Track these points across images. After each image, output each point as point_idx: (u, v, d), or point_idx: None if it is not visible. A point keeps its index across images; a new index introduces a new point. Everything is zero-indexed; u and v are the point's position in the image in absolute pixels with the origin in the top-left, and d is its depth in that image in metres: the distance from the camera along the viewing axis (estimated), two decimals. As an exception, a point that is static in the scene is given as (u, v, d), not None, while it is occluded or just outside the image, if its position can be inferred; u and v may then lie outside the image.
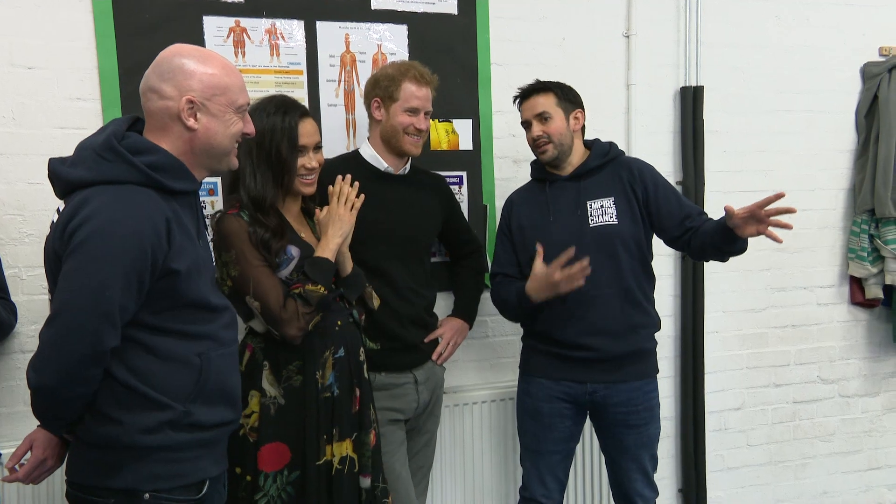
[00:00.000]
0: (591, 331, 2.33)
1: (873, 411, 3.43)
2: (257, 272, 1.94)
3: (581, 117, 2.41)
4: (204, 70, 1.58)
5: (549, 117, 2.36)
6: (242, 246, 1.95)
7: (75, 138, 2.29)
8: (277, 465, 1.97)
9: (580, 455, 2.86)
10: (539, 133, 2.37)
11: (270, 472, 1.96)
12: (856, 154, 3.30)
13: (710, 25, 3.04)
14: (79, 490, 1.57)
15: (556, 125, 2.36)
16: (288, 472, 1.97)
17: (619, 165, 2.40)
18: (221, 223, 1.98)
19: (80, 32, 2.35)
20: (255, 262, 1.95)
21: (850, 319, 3.37)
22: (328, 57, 2.61)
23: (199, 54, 1.61)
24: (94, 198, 1.48)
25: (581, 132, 2.44)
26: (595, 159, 2.40)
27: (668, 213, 2.35)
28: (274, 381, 1.99)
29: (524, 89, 2.43)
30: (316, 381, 2.00)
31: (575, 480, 2.87)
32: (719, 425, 3.20)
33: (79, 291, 1.44)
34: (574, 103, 2.40)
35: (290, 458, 1.97)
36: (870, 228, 3.24)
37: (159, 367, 1.54)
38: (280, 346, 1.99)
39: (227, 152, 1.66)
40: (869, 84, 3.25)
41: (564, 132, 2.37)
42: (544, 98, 2.37)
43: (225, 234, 1.96)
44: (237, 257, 1.94)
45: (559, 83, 2.41)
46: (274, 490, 1.95)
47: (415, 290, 2.40)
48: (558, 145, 2.37)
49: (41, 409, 1.54)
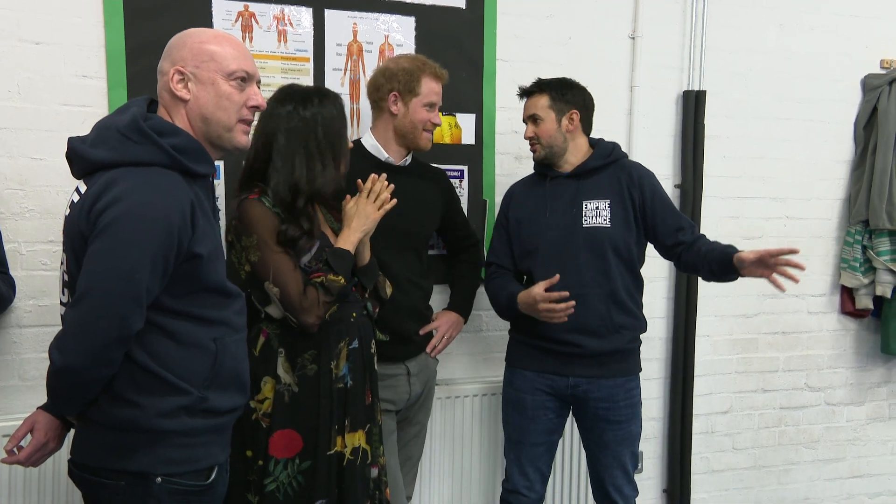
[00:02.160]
0: (574, 328, 2.35)
1: (858, 420, 3.46)
2: (278, 259, 1.93)
3: (576, 117, 2.42)
4: (195, 40, 1.59)
5: (540, 119, 2.40)
6: (264, 232, 1.93)
7: (79, 115, 2.34)
8: (289, 452, 1.98)
9: (562, 450, 2.88)
10: (530, 134, 2.43)
11: (281, 458, 1.97)
12: (853, 165, 3.33)
13: (715, 30, 3.06)
14: (87, 472, 1.57)
15: (545, 127, 2.40)
16: (299, 460, 1.98)
17: (620, 169, 2.42)
18: (244, 207, 1.95)
19: (88, 9, 2.35)
20: (276, 248, 1.94)
21: (839, 329, 3.40)
22: (335, 45, 2.62)
23: (200, 31, 1.62)
24: (122, 179, 1.47)
25: (581, 131, 2.45)
26: (596, 160, 2.42)
27: (662, 222, 2.39)
28: (289, 369, 2.00)
29: (524, 88, 2.47)
30: (330, 371, 2.01)
31: (556, 476, 2.89)
32: (706, 428, 3.23)
33: (107, 273, 1.44)
34: (570, 103, 2.41)
35: (301, 447, 1.98)
36: (863, 239, 3.27)
37: (177, 352, 1.55)
38: (296, 334, 1.99)
39: (227, 126, 1.62)
40: (869, 96, 3.28)
41: (554, 134, 2.40)
42: (538, 99, 2.41)
43: (247, 220, 1.94)
44: (258, 243, 1.92)
45: (559, 82, 2.43)
46: (284, 477, 1.97)
47: (413, 281, 2.41)
48: (546, 147, 2.41)
49: (61, 390, 1.53)
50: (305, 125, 1.97)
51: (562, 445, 2.86)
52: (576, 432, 2.67)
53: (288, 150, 1.96)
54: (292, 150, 1.96)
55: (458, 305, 2.62)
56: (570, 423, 2.63)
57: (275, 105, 1.99)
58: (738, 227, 3.18)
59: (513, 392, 2.50)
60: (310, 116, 1.97)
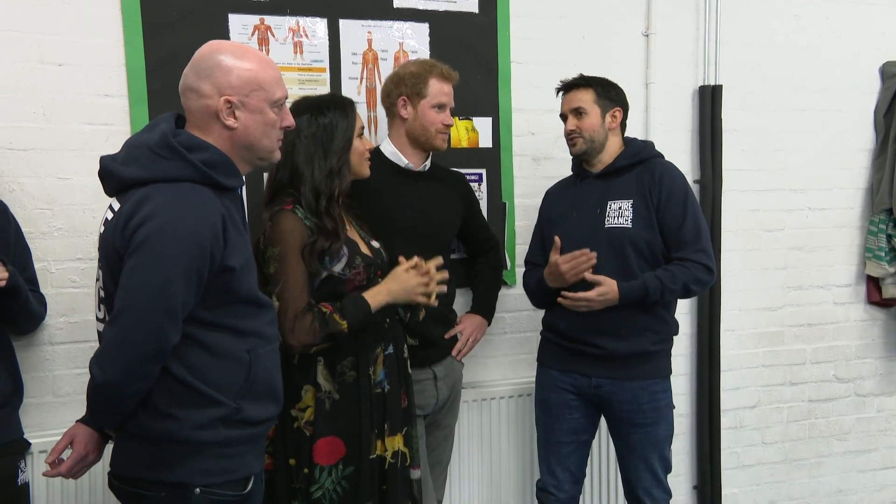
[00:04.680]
0: (596, 329, 2.35)
1: (889, 410, 3.43)
2: (292, 276, 1.95)
3: (619, 115, 2.42)
4: (241, 66, 1.60)
5: (585, 113, 2.38)
6: (288, 245, 1.96)
7: (103, 134, 2.38)
8: (332, 458, 2.00)
9: (596, 453, 2.88)
10: (572, 127, 2.40)
11: (326, 465, 1.99)
12: (874, 153, 3.31)
13: (729, 24, 3.05)
14: (127, 483, 1.60)
15: (589, 121, 2.38)
16: (343, 466, 2.01)
17: (647, 168, 2.39)
18: (276, 218, 1.98)
19: (108, 29, 2.39)
20: (296, 265, 1.96)
21: (866, 319, 3.37)
22: (350, 55, 2.64)
23: (235, 50, 1.63)
24: (154, 196, 1.50)
25: (619, 130, 2.45)
26: (623, 160, 2.41)
27: (667, 228, 2.33)
28: (328, 376, 2.02)
29: (566, 82, 2.45)
30: (369, 376, 2.04)
31: (589, 478, 2.88)
32: (735, 423, 3.21)
33: (143, 289, 1.47)
34: (614, 101, 2.41)
35: (344, 453, 2.01)
36: (887, 228, 3.24)
37: (212, 363, 1.57)
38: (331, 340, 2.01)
39: (270, 148, 1.68)
40: (888, 83, 3.25)
41: (597, 129, 2.39)
42: (583, 93, 2.39)
43: (277, 230, 1.97)
44: (280, 255, 1.95)
45: (603, 80, 2.43)
46: (329, 483, 1.99)
47: (435, 285, 2.42)
48: (588, 141, 2.39)
49: (101, 405, 1.56)
50: (324, 130, 2.03)
51: (595, 448, 2.85)
52: (610, 440, 2.66)
53: (308, 154, 2.02)
54: (311, 154, 2.02)
55: (481, 308, 2.63)
56: (605, 427, 2.63)
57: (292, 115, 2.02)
58: (759, 220, 3.17)
59: (541, 391, 2.53)
60: (327, 122, 2.04)
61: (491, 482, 2.84)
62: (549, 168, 2.88)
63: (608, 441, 2.86)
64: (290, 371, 1.94)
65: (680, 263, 2.29)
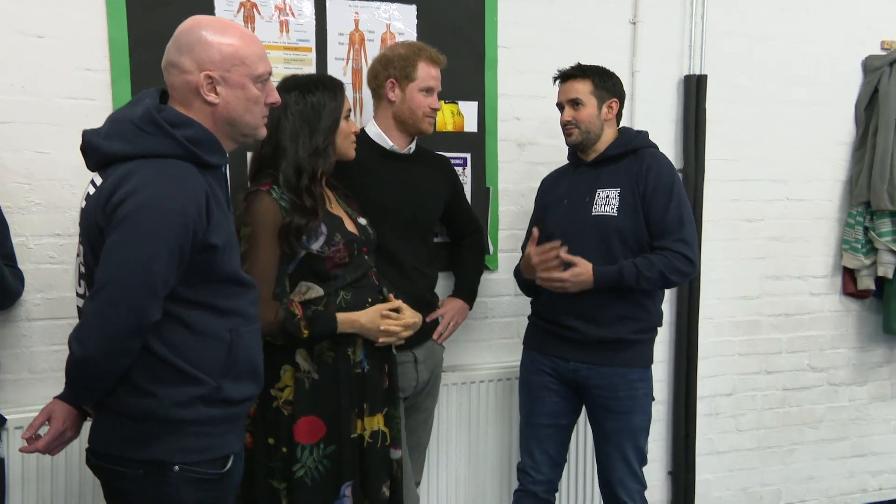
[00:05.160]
0: (576, 314, 2.38)
1: (860, 400, 3.49)
2: (260, 258, 1.94)
3: (615, 106, 2.42)
4: (222, 41, 1.58)
5: (581, 104, 2.38)
6: (260, 226, 1.95)
7: (83, 108, 2.35)
8: (313, 438, 2.00)
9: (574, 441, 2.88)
10: (569, 118, 2.40)
11: (307, 444, 1.99)
12: (854, 146, 3.34)
13: (716, 14, 3.06)
14: (104, 460, 1.59)
15: (586, 112, 2.38)
16: (324, 445, 2.01)
17: (637, 158, 2.39)
18: (250, 199, 1.98)
19: (90, 2, 2.34)
20: (265, 247, 1.95)
21: (841, 309, 3.42)
22: (337, 35, 2.62)
23: (217, 25, 1.61)
24: (138, 171, 1.49)
25: (615, 120, 2.45)
26: (614, 148, 2.41)
27: (652, 218, 2.34)
28: (307, 356, 2.02)
29: (564, 71, 2.44)
30: (348, 357, 2.03)
31: (569, 466, 2.88)
32: (710, 410, 3.26)
33: (125, 265, 1.46)
34: (611, 92, 2.41)
35: (325, 432, 2.01)
36: (865, 220, 3.28)
37: (193, 342, 1.56)
38: None
39: (254, 124, 1.66)
40: (870, 77, 3.29)
41: (594, 120, 2.39)
42: (581, 84, 2.39)
43: (250, 211, 1.96)
44: (250, 235, 1.95)
45: (600, 69, 2.42)
46: (311, 462, 1.99)
47: (418, 269, 2.43)
48: (584, 132, 2.39)
49: (80, 381, 1.55)
50: (311, 108, 2.03)
51: (574, 440, 2.84)
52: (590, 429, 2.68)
53: (293, 132, 2.01)
54: (297, 131, 2.01)
55: (464, 292, 2.64)
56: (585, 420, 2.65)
57: (280, 92, 2.01)
58: (740, 209, 3.20)
59: (524, 372, 2.56)
60: (315, 101, 2.03)
61: (470, 465, 2.86)
62: (534, 153, 2.88)
63: (586, 431, 2.87)
64: (269, 351, 1.93)
65: (660, 252, 2.30)
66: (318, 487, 2.00)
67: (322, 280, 2.03)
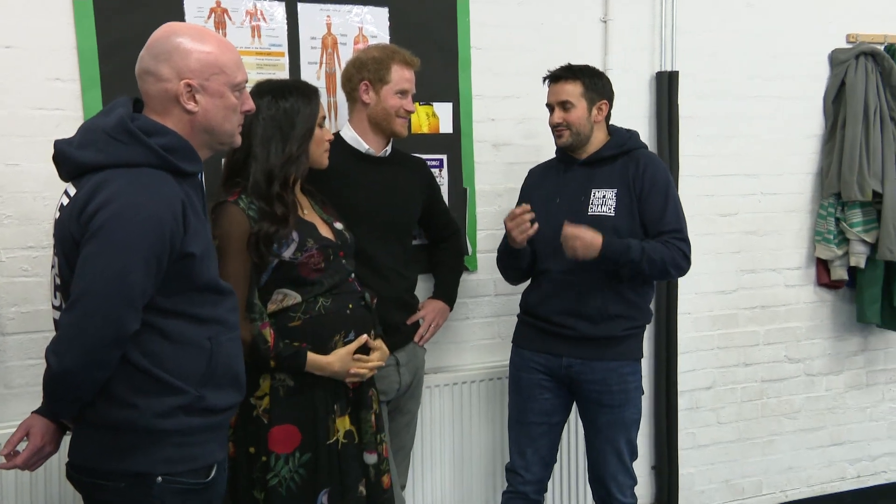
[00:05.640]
0: (569, 312, 2.39)
1: (836, 389, 3.54)
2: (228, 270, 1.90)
3: (605, 108, 2.42)
4: (201, 48, 1.57)
5: (572, 106, 2.37)
6: (228, 237, 1.93)
7: (54, 119, 2.32)
8: (288, 447, 1.98)
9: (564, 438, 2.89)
10: (559, 120, 2.40)
11: (282, 453, 1.97)
12: (823, 139, 3.39)
13: (685, 11, 3.09)
14: (85, 474, 1.57)
15: (576, 114, 2.38)
16: (299, 454, 1.99)
17: (632, 158, 2.41)
18: (218, 210, 1.96)
19: (58, 10, 2.31)
20: (233, 259, 1.93)
21: (816, 300, 3.46)
22: (309, 39, 2.61)
23: (194, 32, 1.60)
24: (112, 181, 1.47)
25: (605, 121, 2.45)
26: (609, 149, 2.42)
27: (649, 217, 2.36)
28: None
29: (554, 72, 2.44)
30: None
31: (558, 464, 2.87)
32: (691, 404, 3.28)
33: (102, 276, 1.44)
34: (601, 94, 2.41)
35: (300, 440, 1.99)
36: (836, 212, 3.33)
37: (173, 351, 1.55)
38: (289, 330, 2.00)
39: (230, 132, 1.65)
40: (836, 70, 3.33)
41: (584, 122, 2.39)
42: (571, 86, 2.38)
43: (217, 223, 1.94)
44: (218, 248, 1.89)
45: (591, 71, 2.42)
46: (286, 471, 1.97)
47: (396, 271, 2.42)
48: (575, 134, 2.39)
49: (58, 393, 1.53)
50: (284, 114, 2.00)
51: (565, 437, 2.85)
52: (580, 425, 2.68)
53: (265, 137, 1.99)
54: (269, 136, 1.99)
55: (444, 293, 2.64)
56: (575, 416, 2.66)
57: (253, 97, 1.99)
58: (714, 204, 3.23)
59: (514, 370, 2.55)
60: (288, 106, 2.01)
61: (456, 466, 2.85)
62: (510, 154, 2.89)
63: (577, 427, 2.88)
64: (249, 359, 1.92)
65: (665, 243, 2.31)
66: (294, 497, 1.97)
67: (299, 287, 2.01)
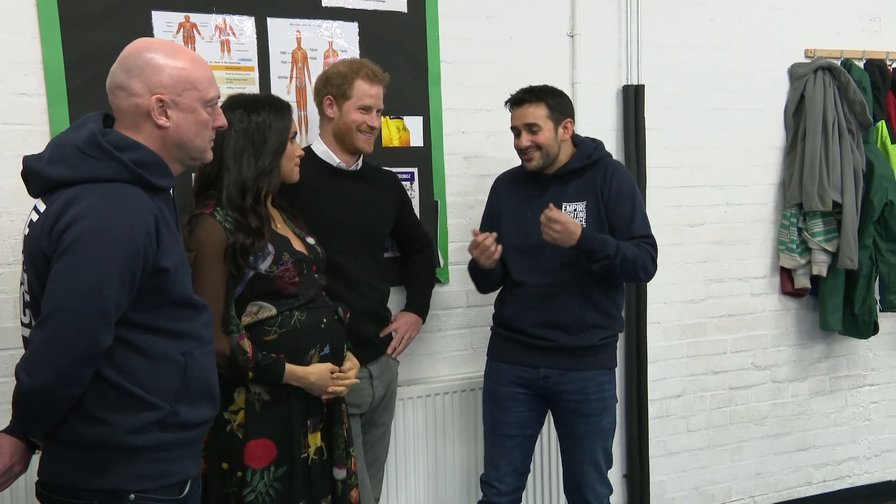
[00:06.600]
0: (545, 324, 2.41)
1: (802, 395, 3.60)
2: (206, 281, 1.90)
3: (570, 126, 2.43)
4: (173, 64, 1.57)
5: (539, 129, 2.37)
6: (204, 249, 1.93)
7: (20, 134, 2.30)
8: (264, 461, 1.97)
9: (539, 450, 2.92)
10: (527, 143, 2.39)
11: (258, 468, 1.96)
12: (785, 150, 3.46)
13: (651, 26, 3.14)
14: (57, 493, 1.54)
15: (544, 136, 2.38)
16: (275, 468, 1.98)
17: (598, 169, 2.43)
18: (194, 223, 1.95)
19: (23, 25, 2.29)
20: (210, 271, 1.92)
21: (780, 308, 3.53)
22: (279, 53, 2.61)
23: (166, 48, 1.60)
24: (83, 196, 1.46)
25: (571, 138, 2.46)
26: (577, 161, 2.43)
27: (617, 223, 2.38)
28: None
29: (515, 95, 2.43)
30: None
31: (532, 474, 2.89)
32: (661, 412, 3.32)
33: (73, 292, 1.42)
34: (564, 113, 2.42)
35: (276, 454, 1.98)
36: (798, 221, 3.40)
37: (146, 367, 1.54)
38: (265, 344, 1.99)
39: (202, 148, 1.65)
40: (796, 84, 3.41)
41: (553, 143, 2.39)
42: (535, 108, 2.38)
43: (194, 236, 1.93)
44: (194, 260, 1.91)
45: (552, 91, 2.43)
46: (262, 486, 1.96)
47: (369, 284, 2.42)
48: (545, 155, 2.40)
49: (29, 412, 1.50)
50: (256, 127, 2.01)
51: (539, 446, 2.88)
52: (554, 435, 2.70)
53: (237, 150, 1.99)
54: (241, 149, 1.99)
55: (416, 306, 2.65)
56: (549, 426, 2.67)
57: (225, 110, 1.99)
58: (682, 215, 3.28)
59: (489, 383, 2.55)
60: (260, 120, 2.02)
61: (429, 478, 2.85)
62: (480, 166, 2.92)
63: (550, 436, 2.90)
64: (222, 373, 1.90)
65: (637, 245, 2.33)
66: None
67: (275, 299, 2.01)
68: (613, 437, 2.51)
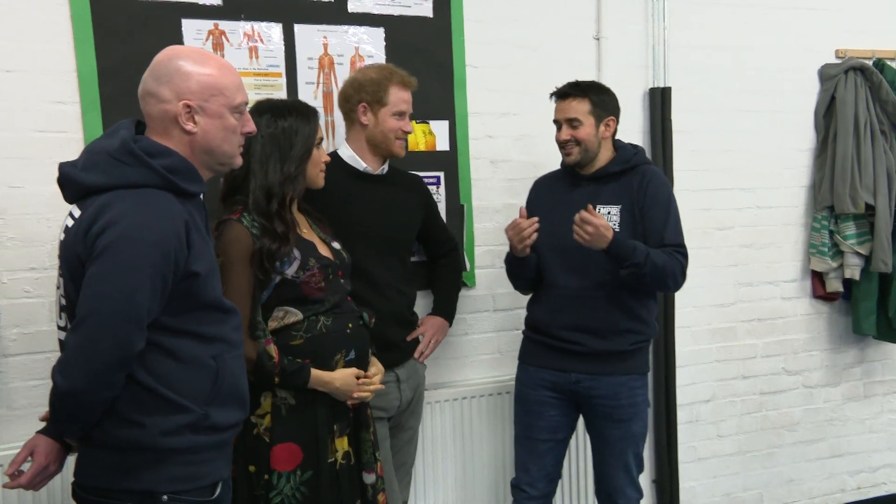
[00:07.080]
0: (576, 327, 2.40)
1: (834, 401, 3.55)
2: (233, 287, 1.92)
3: (613, 124, 2.43)
4: (201, 71, 1.60)
5: (580, 124, 2.38)
6: (232, 254, 1.95)
7: (55, 141, 2.34)
8: (290, 464, 1.98)
9: (569, 454, 2.89)
10: (567, 137, 2.40)
11: (284, 471, 1.98)
12: (815, 153, 3.42)
13: (677, 28, 3.13)
14: (92, 493, 1.57)
15: (585, 131, 2.38)
16: (301, 472, 1.99)
17: (636, 174, 2.42)
18: (222, 229, 1.98)
19: (58, 34, 2.34)
20: (238, 276, 1.95)
21: (812, 312, 3.48)
22: (306, 59, 2.64)
23: (195, 55, 1.63)
24: (116, 202, 1.49)
25: (612, 136, 2.46)
26: (616, 165, 2.43)
27: (650, 230, 2.37)
28: None
29: (561, 89, 2.44)
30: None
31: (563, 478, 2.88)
32: (691, 417, 3.29)
33: (107, 296, 1.45)
34: (608, 111, 2.41)
35: (302, 458, 1.99)
36: (829, 224, 3.36)
37: (178, 370, 1.56)
38: (290, 348, 2.01)
39: (230, 153, 1.68)
40: (826, 85, 3.38)
41: (593, 139, 2.39)
42: (578, 103, 2.38)
43: (222, 241, 1.96)
44: (222, 265, 1.92)
45: (598, 87, 2.43)
46: (288, 489, 1.98)
47: (396, 288, 2.44)
48: (584, 151, 2.40)
49: (66, 414, 1.53)
50: (283, 133, 2.03)
51: (570, 450, 2.86)
52: (584, 439, 2.68)
53: (263, 155, 2.02)
54: (267, 154, 2.02)
55: (443, 310, 2.65)
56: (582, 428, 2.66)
57: (252, 115, 2.01)
58: (711, 218, 3.26)
59: (520, 387, 2.55)
60: (287, 126, 2.04)
61: (458, 482, 2.85)
62: (507, 170, 2.92)
63: (583, 441, 2.88)
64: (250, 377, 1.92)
65: (668, 254, 2.32)
66: None
67: (301, 304, 2.03)
68: (645, 441, 2.49)
